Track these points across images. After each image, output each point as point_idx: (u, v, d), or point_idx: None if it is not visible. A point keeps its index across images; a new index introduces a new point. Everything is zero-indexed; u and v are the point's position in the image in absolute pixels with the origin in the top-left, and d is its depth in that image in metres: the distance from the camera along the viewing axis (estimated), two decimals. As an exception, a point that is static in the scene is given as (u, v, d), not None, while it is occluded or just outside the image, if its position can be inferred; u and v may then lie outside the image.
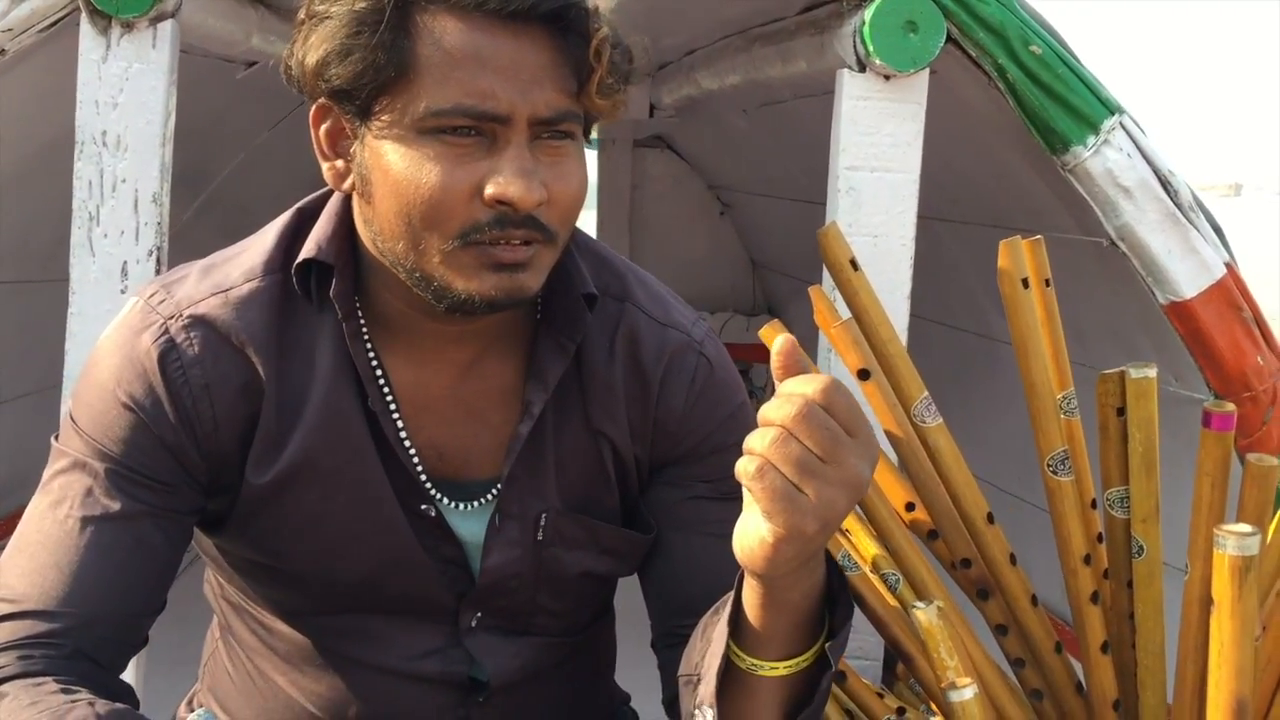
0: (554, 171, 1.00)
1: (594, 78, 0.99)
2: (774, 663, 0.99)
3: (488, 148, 0.98)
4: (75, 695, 0.96)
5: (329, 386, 1.07)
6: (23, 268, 2.40)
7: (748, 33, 2.25)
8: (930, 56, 1.63)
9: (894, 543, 1.31)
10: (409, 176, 0.97)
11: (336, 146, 1.04)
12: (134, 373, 1.04)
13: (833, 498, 0.86)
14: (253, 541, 1.12)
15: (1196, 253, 1.65)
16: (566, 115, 0.99)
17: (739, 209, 4.32)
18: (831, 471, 0.86)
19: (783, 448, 0.85)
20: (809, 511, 0.86)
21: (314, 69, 0.98)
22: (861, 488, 0.87)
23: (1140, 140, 1.64)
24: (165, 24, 1.60)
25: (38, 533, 1.03)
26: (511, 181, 0.97)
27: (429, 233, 0.98)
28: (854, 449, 0.86)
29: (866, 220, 1.66)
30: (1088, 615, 1.26)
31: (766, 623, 0.97)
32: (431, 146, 0.97)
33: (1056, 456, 1.25)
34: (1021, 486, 2.28)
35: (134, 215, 1.61)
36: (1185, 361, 1.72)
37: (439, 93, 0.96)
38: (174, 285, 1.08)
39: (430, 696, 1.16)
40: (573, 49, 0.98)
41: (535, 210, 0.98)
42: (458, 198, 0.97)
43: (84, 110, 1.61)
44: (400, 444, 1.09)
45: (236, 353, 1.06)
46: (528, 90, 0.96)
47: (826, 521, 0.87)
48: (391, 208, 0.99)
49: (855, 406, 0.88)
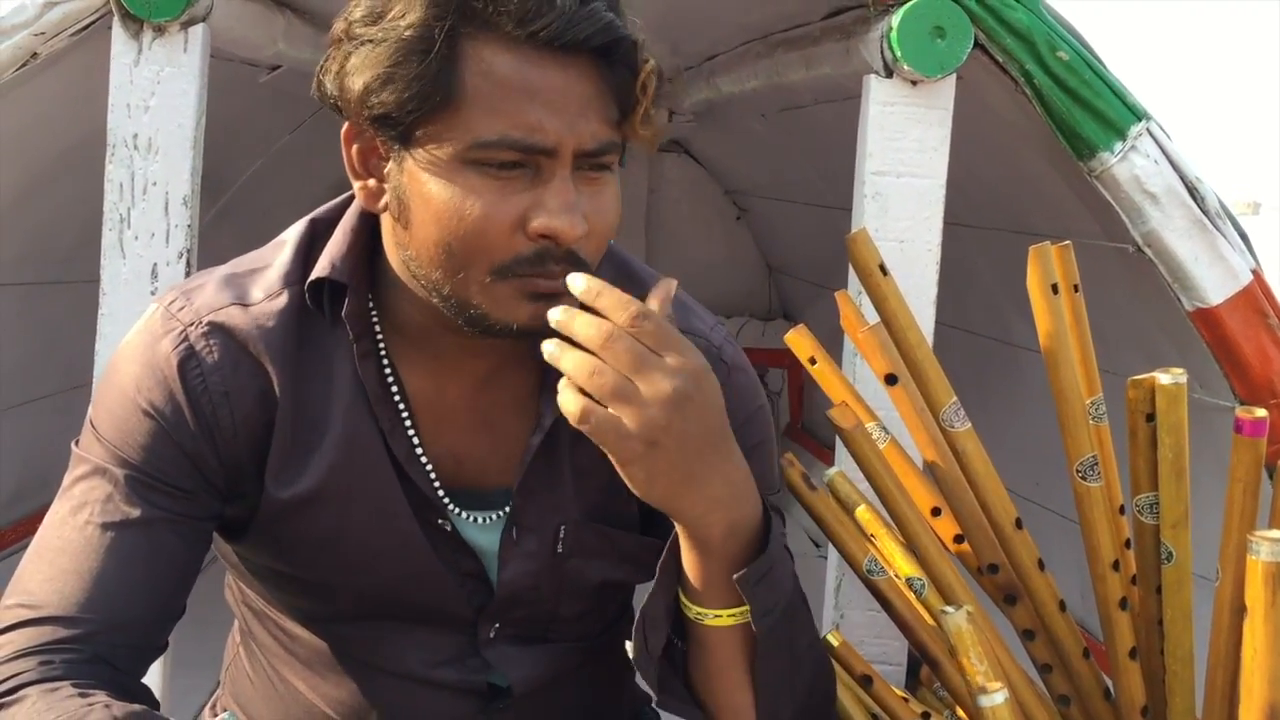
0: (593, 203, 0.99)
1: (639, 109, 0.98)
2: (716, 610, 1.03)
3: (531, 179, 0.97)
4: (92, 698, 0.96)
5: (347, 404, 1.08)
6: (43, 270, 2.41)
7: (770, 38, 2.25)
8: (957, 62, 1.63)
9: (920, 548, 1.31)
10: (452, 207, 0.97)
11: (369, 165, 1.03)
12: (154, 379, 1.05)
13: (649, 414, 0.92)
14: (272, 551, 1.13)
15: (1223, 259, 1.65)
16: (609, 147, 0.99)
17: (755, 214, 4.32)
18: (643, 390, 0.91)
19: (595, 379, 0.92)
20: (628, 434, 0.93)
21: (358, 94, 0.97)
22: (676, 401, 0.92)
23: (1167, 146, 1.64)
24: (196, 28, 1.61)
25: (58, 539, 1.04)
26: (557, 216, 0.96)
27: (469, 263, 0.98)
28: (660, 366, 0.92)
29: (893, 225, 1.66)
30: (1116, 621, 1.26)
31: (695, 566, 1.02)
32: (476, 177, 0.96)
33: (1086, 462, 1.25)
34: (1040, 492, 2.28)
35: (164, 218, 1.62)
36: (1211, 368, 1.71)
37: (486, 124, 0.95)
38: (193, 292, 1.08)
39: (450, 702, 1.16)
40: (618, 79, 0.97)
41: (575, 244, 0.98)
42: (501, 230, 0.97)
43: (115, 113, 1.62)
44: (415, 460, 1.10)
45: (254, 361, 1.06)
46: (574, 123, 0.96)
47: (653, 440, 0.93)
48: (431, 236, 0.99)
49: (663, 327, 0.94)
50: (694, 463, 0.95)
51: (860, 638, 1.69)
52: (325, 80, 1.02)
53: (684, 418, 0.93)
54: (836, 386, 1.42)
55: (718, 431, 0.97)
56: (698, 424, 0.94)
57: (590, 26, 0.94)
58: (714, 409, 0.96)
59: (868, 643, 1.70)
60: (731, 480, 0.99)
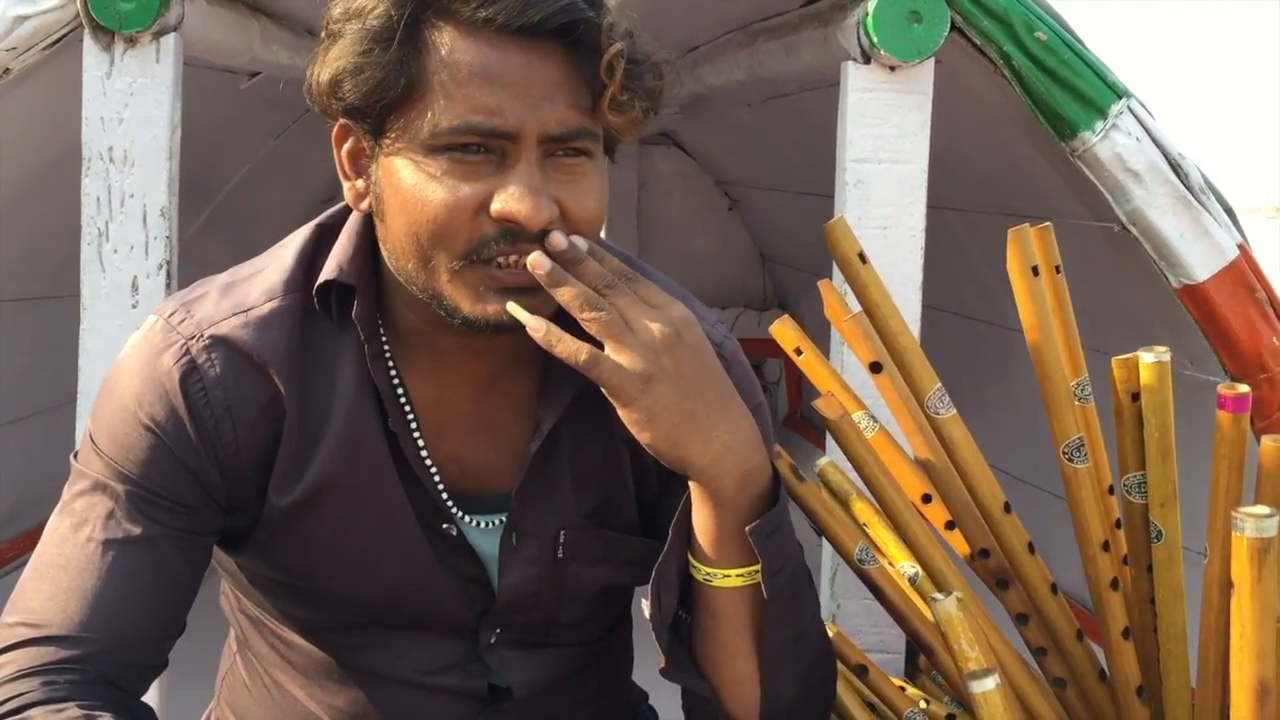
0: (569, 190, 0.99)
1: (605, 94, 0.97)
2: (726, 570, 1.04)
3: (497, 165, 0.97)
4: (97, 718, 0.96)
5: (351, 407, 1.07)
6: (32, 284, 2.41)
7: (750, 28, 2.25)
8: (935, 46, 1.62)
9: (911, 535, 1.31)
10: (416, 194, 0.97)
11: (357, 166, 1.04)
12: (155, 394, 1.04)
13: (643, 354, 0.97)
14: (273, 560, 1.12)
15: (1209, 235, 1.64)
16: (579, 132, 0.98)
17: (747, 204, 4.31)
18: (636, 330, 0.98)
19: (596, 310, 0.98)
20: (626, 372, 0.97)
21: (327, 86, 0.98)
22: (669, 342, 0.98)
23: (1149, 124, 1.64)
24: (168, 38, 1.60)
25: (59, 556, 1.03)
26: (517, 199, 0.96)
27: (437, 250, 0.98)
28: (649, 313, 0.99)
29: (875, 212, 1.65)
30: (1108, 601, 1.26)
31: (708, 521, 1.04)
32: (440, 164, 0.96)
33: (1072, 444, 1.24)
34: (1037, 474, 2.27)
35: (143, 230, 1.62)
36: (1200, 345, 1.71)
37: (447, 110, 0.95)
38: (194, 304, 1.07)
39: (450, 706, 1.16)
40: (584, 64, 0.96)
41: (546, 227, 0.97)
42: (464, 214, 0.97)
43: (89, 126, 1.61)
44: (421, 464, 1.09)
45: (258, 373, 1.05)
46: (537, 107, 0.95)
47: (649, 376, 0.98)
48: (401, 225, 0.99)
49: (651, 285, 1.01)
50: (693, 402, 0.99)
51: (858, 626, 1.69)
52: (311, 81, 1.02)
53: (675, 357, 0.98)
54: (823, 376, 1.41)
55: (713, 371, 1.01)
56: (690, 363, 0.99)
57: (546, 9, 0.94)
58: (703, 351, 1.01)
59: (865, 631, 1.69)
60: (738, 429, 1.02)
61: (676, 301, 1.01)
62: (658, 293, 1.01)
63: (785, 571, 1.05)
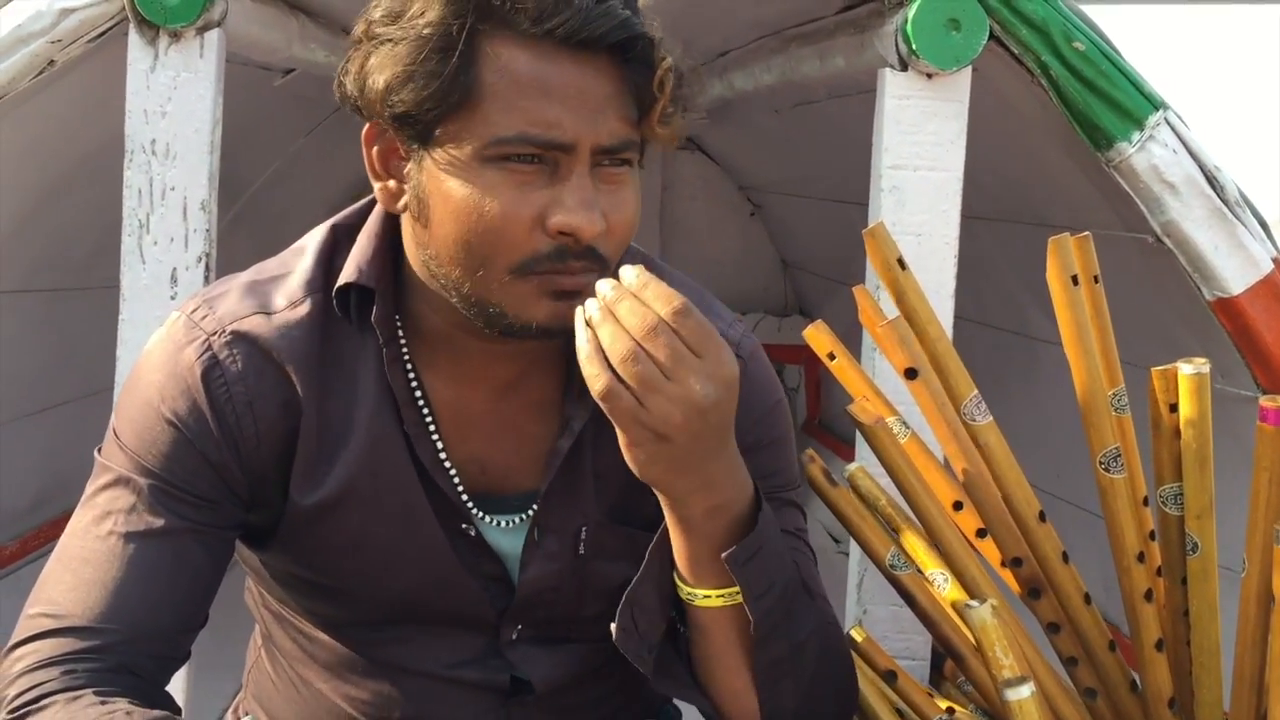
0: (612, 200, 1.00)
1: (656, 107, 0.99)
2: (705, 591, 1.04)
3: (549, 176, 0.98)
4: (113, 705, 0.97)
5: (372, 410, 1.08)
6: (61, 276, 2.42)
7: (783, 33, 2.25)
8: (973, 54, 1.62)
9: (944, 542, 1.31)
10: (471, 205, 0.97)
11: (389, 166, 1.04)
12: (178, 389, 1.05)
13: (668, 412, 0.93)
14: (296, 558, 1.13)
15: (1244, 248, 1.64)
16: (628, 144, 0.99)
17: (770, 210, 4.31)
18: (672, 388, 0.93)
19: (631, 365, 0.93)
20: (644, 423, 0.94)
21: (379, 94, 0.98)
22: (702, 407, 0.94)
23: (1185, 135, 1.63)
24: (212, 33, 1.62)
25: (82, 548, 1.04)
26: (575, 213, 0.97)
27: (489, 261, 0.99)
28: (697, 368, 0.93)
29: (910, 219, 1.65)
30: (1142, 613, 1.26)
31: (680, 543, 1.04)
32: (494, 174, 0.97)
33: (1109, 453, 1.24)
34: (1061, 485, 2.27)
35: (183, 222, 1.63)
36: (1232, 358, 1.70)
37: (504, 121, 0.96)
38: (216, 300, 1.08)
39: (472, 699, 1.17)
40: (636, 77, 0.98)
41: (594, 240, 0.98)
42: (519, 228, 0.97)
43: (133, 119, 1.63)
44: (440, 467, 1.10)
45: (278, 370, 1.06)
46: (592, 119, 0.96)
47: (665, 435, 0.94)
48: (450, 234, 0.99)
49: (705, 328, 0.95)
50: (694, 456, 0.97)
51: (883, 633, 1.69)
52: (346, 81, 1.02)
53: (704, 423, 0.95)
54: (856, 382, 1.41)
55: (727, 432, 0.99)
56: (711, 428, 0.96)
57: (606, 24, 0.95)
58: (730, 415, 0.98)
59: (890, 638, 1.69)
60: (720, 465, 1.00)
61: (727, 352, 0.96)
62: (712, 338, 0.95)
63: (772, 593, 1.05)
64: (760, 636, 1.05)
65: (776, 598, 1.05)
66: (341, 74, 1.03)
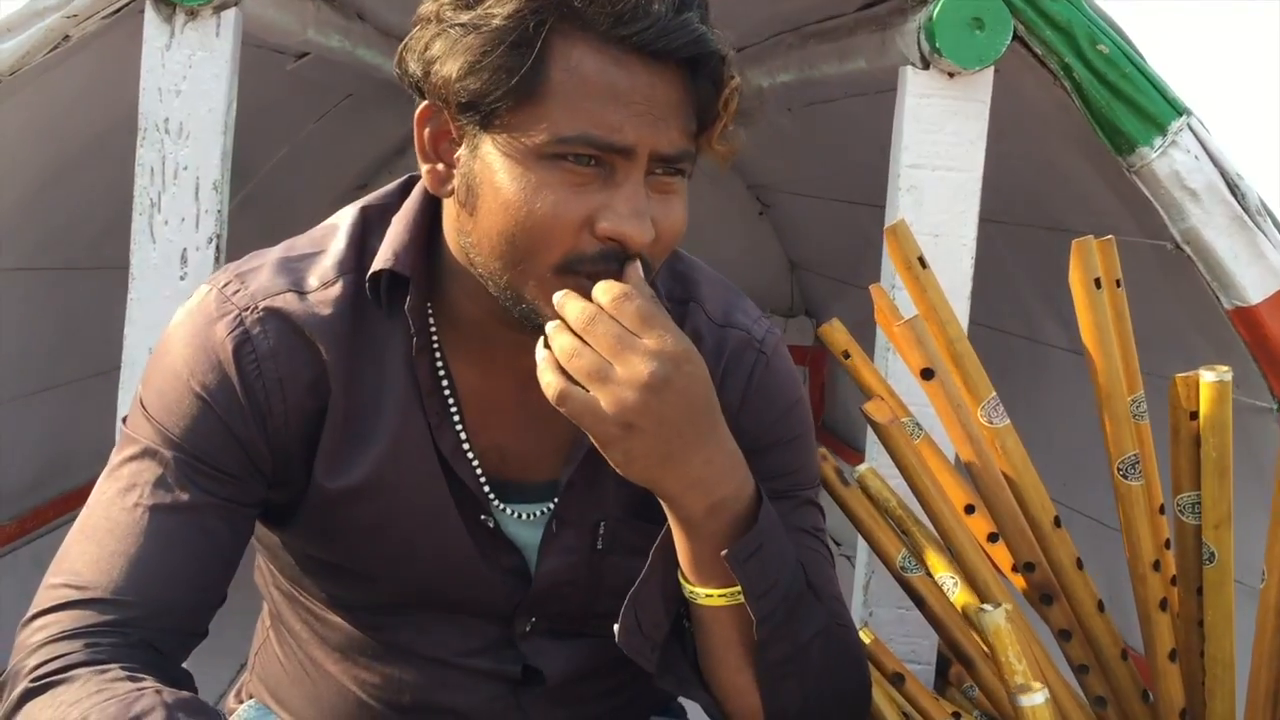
0: (662, 208, 0.99)
1: (718, 124, 0.98)
2: (708, 590, 1.04)
3: (604, 179, 0.97)
4: (142, 684, 0.96)
5: (399, 396, 1.07)
6: (70, 254, 2.41)
7: (802, 30, 2.23)
8: (996, 54, 1.61)
9: (955, 545, 1.30)
10: (522, 199, 0.97)
11: (439, 149, 1.03)
12: (208, 363, 1.04)
13: (621, 398, 0.93)
14: (315, 538, 1.12)
15: (1264, 257, 1.63)
16: (685, 155, 0.99)
17: (778, 209, 4.30)
18: (619, 372, 0.93)
19: (575, 360, 0.94)
20: (605, 417, 0.94)
21: (447, 80, 0.97)
22: (653, 385, 0.93)
23: (1208, 142, 1.62)
24: (229, 12, 1.61)
25: (106, 519, 1.03)
26: (627, 220, 0.96)
27: (531, 256, 0.98)
28: (640, 348, 0.93)
29: (928, 219, 1.64)
30: (1156, 622, 1.25)
31: (682, 542, 1.03)
32: (550, 172, 0.96)
33: (1127, 460, 1.24)
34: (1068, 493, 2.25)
35: (195, 202, 1.62)
36: (1249, 368, 1.69)
37: (567, 120, 0.95)
38: (248, 275, 1.08)
39: (484, 687, 1.16)
40: (702, 92, 0.97)
41: (641, 249, 0.98)
42: (568, 227, 0.97)
43: (147, 97, 1.61)
44: (463, 457, 1.10)
45: (309, 349, 1.05)
46: (655, 127, 0.96)
47: (628, 423, 0.93)
48: (496, 225, 0.98)
49: (647, 310, 0.95)
50: (673, 444, 0.96)
51: (889, 635, 1.67)
52: (409, 59, 1.01)
53: (661, 401, 0.94)
54: (870, 381, 1.40)
55: (701, 413, 0.97)
56: (676, 407, 0.95)
57: (682, 37, 0.94)
58: (696, 392, 0.96)
59: (896, 641, 1.68)
60: (712, 460, 0.99)
61: (675, 330, 0.96)
62: (654, 317, 0.95)
63: (774, 593, 1.04)
64: (763, 636, 1.05)
65: (779, 598, 1.04)
66: (404, 49, 1.02)
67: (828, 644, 1.10)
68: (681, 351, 0.95)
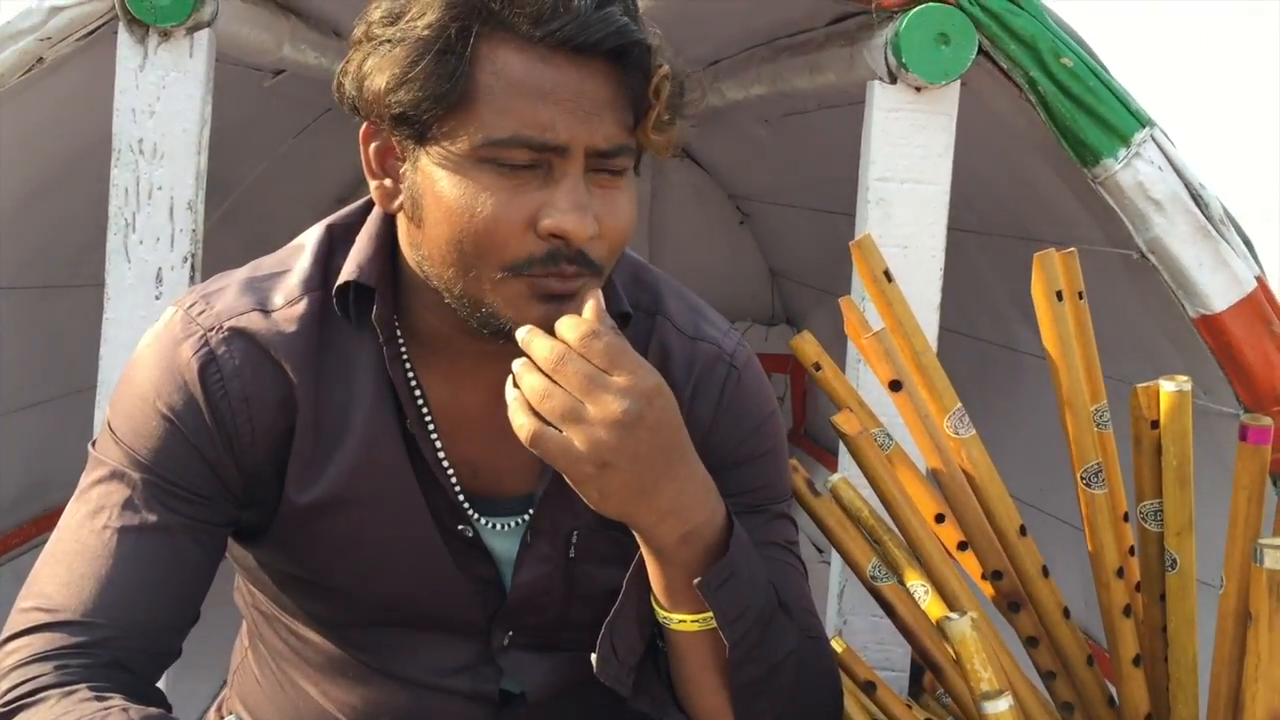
0: (605, 205, 1.00)
1: (651, 114, 0.99)
2: (681, 616, 1.05)
3: (543, 179, 0.98)
4: (109, 702, 0.96)
5: (369, 409, 1.08)
6: (49, 273, 2.42)
7: (774, 43, 2.25)
8: (962, 68, 1.63)
9: (924, 554, 1.31)
10: (463, 205, 0.97)
11: (385, 165, 1.04)
12: (174, 384, 1.05)
13: (595, 438, 0.93)
14: (289, 555, 1.13)
15: (1227, 265, 1.65)
16: (622, 149, 0.99)
17: (758, 219, 4.32)
18: (591, 412, 0.93)
19: (547, 401, 0.94)
20: (580, 456, 0.93)
21: (378, 94, 0.98)
22: (626, 423, 0.93)
23: (1171, 153, 1.64)
24: (202, 33, 1.61)
25: (75, 542, 1.04)
26: (567, 215, 0.97)
27: (480, 261, 0.98)
28: (611, 387, 0.93)
29: (896, 231, 1.66)
30: (1120, 628, 1.26)
31: (655, 571, 1.04)
32: (488, 176, 0.97)
33: (1090, 469, 1.25)
34: (1044, 499, 2.27)
35: (169, 222, 1.62)
36: (1215, 375, 1.71)
37: (498, 122, 0.96)
38: (213, 296, 1.08)
39: (462, 709, 1.16)
40: (632, 83, 0.98)
41: (585, 244, 0.98)
42: (512, 229, 0.97)
43: (121, 118, 1.62)
44: (439, 465, 1.10)
45: (275, 367, 1.06)
46: (587, 123, 0.96)
47: (604, 462, 0.94)
48: (443, 234, 0.99)
49: (615, 347, 0.95)
50: (646, 479, 0.96)
51: (863, 644, 1.69)
52: (345, 81, 1.02)
53: (635, 438, 0.94)
54: (841, 392, 1.42)
55: (673, 448, 0.98)
56: (650, 443, 0.95)
57: (604, 29, 0.95)
58: (667, 427, 0.97)
59: (870, 649, 1.69)
60: (684, 490, 0.99)
61: (644, 365, 0.96)
62: (623, 354, 0.95)
63: (747, 618, 1.05)
64: (735, 660, 1.05)
65: (751, 622, 1.05)
66: (341, 74, 1.03)
67: (801, 662, 1.11)
68: (652, 386, 0.95)
